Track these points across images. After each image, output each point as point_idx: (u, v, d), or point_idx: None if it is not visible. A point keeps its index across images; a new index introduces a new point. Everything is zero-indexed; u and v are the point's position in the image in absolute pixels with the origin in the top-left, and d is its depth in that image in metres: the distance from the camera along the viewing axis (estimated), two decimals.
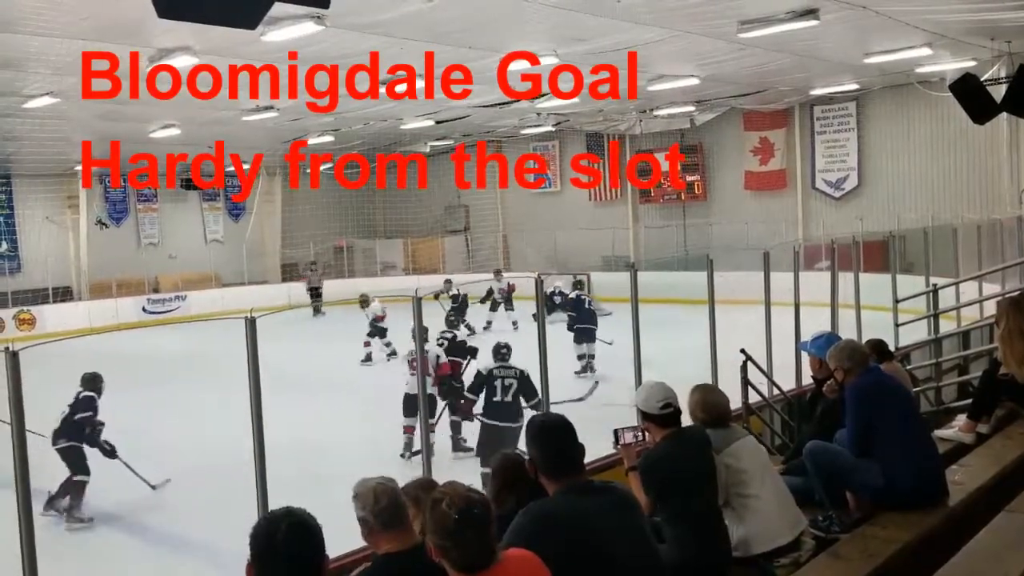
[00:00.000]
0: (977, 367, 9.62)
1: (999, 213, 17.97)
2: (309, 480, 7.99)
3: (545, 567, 2.95)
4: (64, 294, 25.76)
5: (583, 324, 15.07)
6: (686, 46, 14.55)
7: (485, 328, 19.65)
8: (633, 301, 7.31)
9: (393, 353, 16.20)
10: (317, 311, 25.01)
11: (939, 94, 18.85)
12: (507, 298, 20.73)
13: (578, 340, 14.91)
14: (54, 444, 8.72)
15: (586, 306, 15.60)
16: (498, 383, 8.62)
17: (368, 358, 17.06)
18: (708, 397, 4.63)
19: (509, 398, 8.57)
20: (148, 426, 11.85)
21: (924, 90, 20.07)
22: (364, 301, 17.79)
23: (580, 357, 14.80)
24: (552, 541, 3.15)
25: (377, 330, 17.18)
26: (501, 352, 9.12)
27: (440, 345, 11.19)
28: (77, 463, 8.75)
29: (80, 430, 8.88)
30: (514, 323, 19.43)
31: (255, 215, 30.51)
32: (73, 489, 8.63)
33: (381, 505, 3.05)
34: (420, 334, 6.45)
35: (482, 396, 8.79)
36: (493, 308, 20.78)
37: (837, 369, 5.05)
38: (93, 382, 9.35)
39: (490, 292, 20.78)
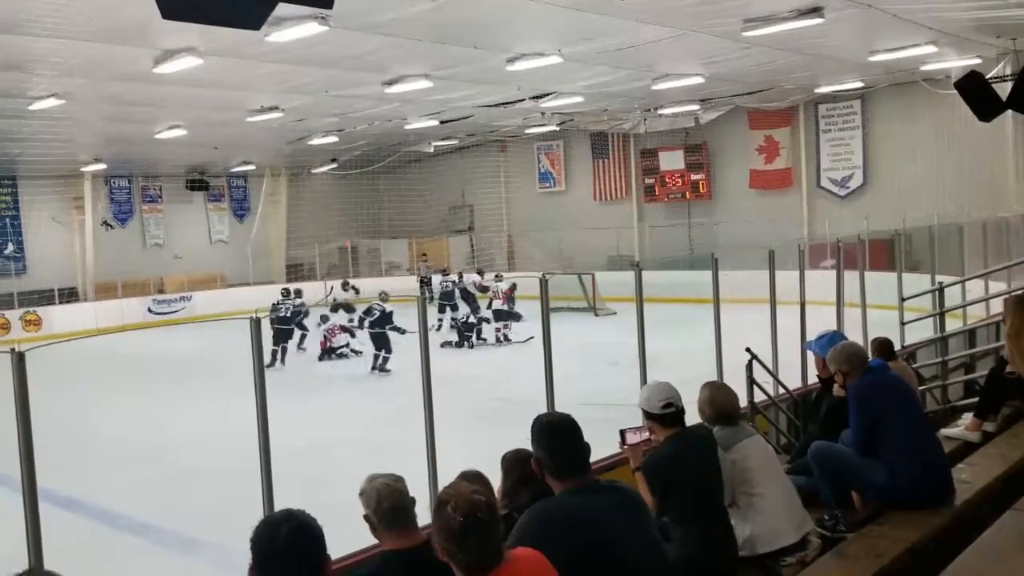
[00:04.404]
0: (983, 365, 9.61)
1: (1005, 211, 17.91)
2: (313, 481, 8.02)
3: (552, 567, 2.95)
4: (70, 295, 25.82)
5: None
6: (691, 45, 14.53)
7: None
8: (638, 300, 7.30)
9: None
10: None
11: (944, 92, 18.77)
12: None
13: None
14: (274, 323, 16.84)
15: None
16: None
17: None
18: (716, 394, 4.64)
19: None
20: (154, 426, 11.89)
21: (929, 88, 20.01)
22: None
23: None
24: (558, 541, 3.15)
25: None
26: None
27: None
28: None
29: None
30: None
31: (260, 215, 30.58)
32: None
33: (384, 506, 3.06)
34: (424, 329, 6.44)
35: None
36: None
37: (837, 372, 5.06)
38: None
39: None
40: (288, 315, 17.34)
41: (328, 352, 17.52)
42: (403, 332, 15.48)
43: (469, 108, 21.24)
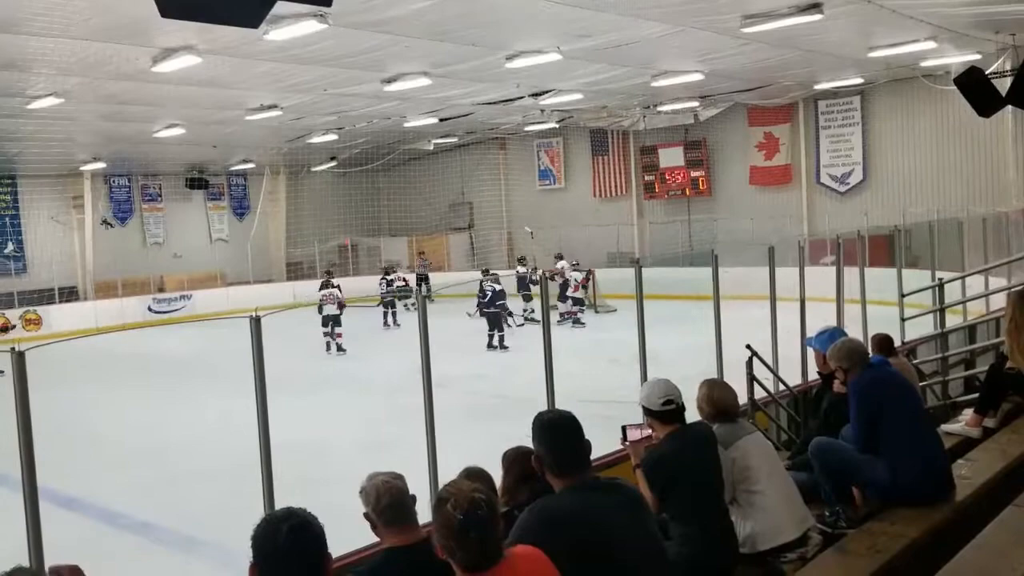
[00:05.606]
0: (983, 361, 9.60)
1: (1005, 206, 17.93)
2: (314, 480, 8.01)
3: (552, 565, 2.94)
4: (70, 294, 25.81)
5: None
6: (690, 41, 14.53)
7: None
8: (638, 297, 7.30)
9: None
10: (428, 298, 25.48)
11: (944, 88, 18.78)
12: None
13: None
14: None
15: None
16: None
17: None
18: (715, 392, 4.63)
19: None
20: (154, 425, 11.88)
21: (929, 84, 20.00)
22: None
23: None
24: (558, 539, 3.14)
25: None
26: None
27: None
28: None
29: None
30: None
31: (259, 214, 30.57)
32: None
33: (384, 503, 3.06)
34: (424, 328, 6.44)
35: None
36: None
37: (837, 368, 5.06)
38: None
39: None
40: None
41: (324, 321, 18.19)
42: (511, 314, 17.38)
43: (468, 105, 21.23)
